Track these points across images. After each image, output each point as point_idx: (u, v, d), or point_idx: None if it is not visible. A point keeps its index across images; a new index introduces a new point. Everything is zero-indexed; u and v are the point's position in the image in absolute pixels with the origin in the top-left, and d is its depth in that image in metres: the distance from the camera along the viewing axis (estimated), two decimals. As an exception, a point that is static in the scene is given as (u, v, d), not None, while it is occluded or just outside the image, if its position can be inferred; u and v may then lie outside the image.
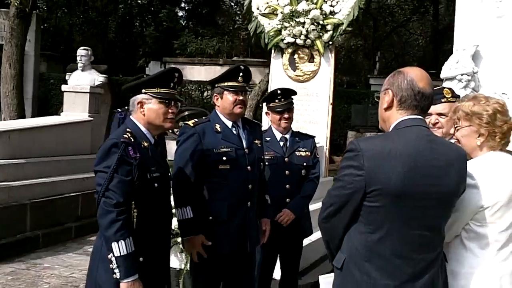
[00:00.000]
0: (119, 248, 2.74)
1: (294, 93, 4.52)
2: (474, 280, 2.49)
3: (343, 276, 2.36)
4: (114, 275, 2.75)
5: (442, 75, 6.41)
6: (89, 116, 8.81)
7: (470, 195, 2.46)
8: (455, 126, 2.69)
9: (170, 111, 3.07)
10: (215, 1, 23.83)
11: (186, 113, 13.11)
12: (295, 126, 6.45)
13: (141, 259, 2.86)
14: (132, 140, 2.90)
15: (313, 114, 6.76)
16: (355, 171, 2.26)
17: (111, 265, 2.76)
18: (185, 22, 25.53)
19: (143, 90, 3.07)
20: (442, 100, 3.28)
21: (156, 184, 2.95)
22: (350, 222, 2.34)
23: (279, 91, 4.39)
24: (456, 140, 2.68)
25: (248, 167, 3.65)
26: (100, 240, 2.89)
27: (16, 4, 11.01)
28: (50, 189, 7.18)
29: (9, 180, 6.67)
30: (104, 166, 2.83)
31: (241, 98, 3.66)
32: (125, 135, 2.89)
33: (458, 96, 3.49)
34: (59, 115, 9.26)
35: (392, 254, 2.26)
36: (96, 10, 23.58)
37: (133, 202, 2.86)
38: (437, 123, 3.20)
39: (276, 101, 4.34)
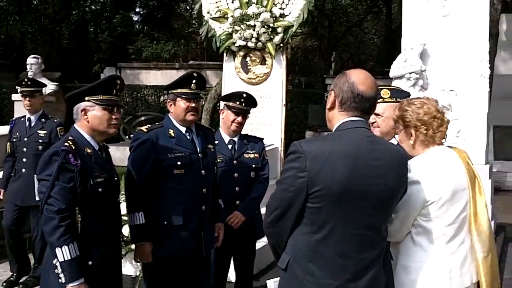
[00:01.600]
0: (62, 254, 2.78)
1: (256, 105, 4.51)
2: (424, 273, 2.55)
3: (287, 276, 2.37)
4: (59, 280, 2.79)
5: (391, 74, 6.56)
6: (41, 125, 8.62)
7: (416, 191, 2.51)
8: (396, 131, 2.77)
9: (113, 117, 3.07)
10: (170, 5, 23.71)
11: (143, 118, 12.97)
12: (249, 129, 6.49)
13: (90, 263, 2.89)
14: (73, 147, 2.90)
15: (267, 116, 6.81)
16: (298, 173, 2.27)
17: (56, 270, 2.79)
18: (140, 26, 25.33)
19: (86, 98, 3.06)
20: (379, 101, 3.34)
21: (100, 189, 2.97)
22: (295, 224, 2.35)
23: (245, 95, 4.37)
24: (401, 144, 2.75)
25: (202, 171, 3.66)
26: (47, 251, 2.90)
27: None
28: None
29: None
30: (46, 174, 2.86)
31: (193, 105, 3.66)
32: (66, 143, 2.91)
33: (400, 97, 3.54)
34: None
35: (334, 253, 2.29)
36: (48, 17, 23.18)
37: (76, 208, 2.88)
38: (374, 122, 3.26)
39: (238, 102, 4.31)
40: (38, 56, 8.93)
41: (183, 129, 3.67)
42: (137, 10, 26.13)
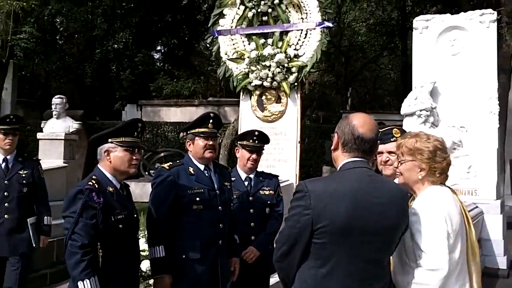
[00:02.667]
0: (84, 287, 2.94)
1: (268, 141, 4.70)
2: None
3: (295, 310, 2.53)
4: None
5: (402, 111, 6.72)
6: (64, 162, 8.91)
7: (438, 222, 2.58)
8: (399, 160, 2.89)
9: (134, 157, 3.28)
10: (190, 44, 24.26)
11: (162, 154, 13.24)
12: (265, 165, 6.68)
13: (108, 297, 3.03)
14: (96, 186, 3.10)
15: (283, 153, 6.99)
16: (303, 210, 2.45)
17: None
18: (161, 64, 25.89)
19: (109, 140, 3.28)
20: (392, 140, 3.51)
21: (120, 225, 3.15)
22: (302, 258, 2.51)
23: (256, 133, 4.56)
24: (399, 173, 2.88)
25: (220, 207, 3.84)
26: (70, 283, 3.07)
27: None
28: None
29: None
30: (71, 211, 3.05)
31: (211, 143, 3.87)
32: (89, 183, 3.12)
33: None
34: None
35: (339, 287, 2.44)
36: (73, 56, 23.88)
37: (98, 243, 3.06)
38: (388, 160, 3.40)
39: (251, 140, 4.50)
40: (63, 96, 9.24)
41: (201, 167, 3.87)
42: (158, 48, 26.78)
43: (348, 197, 2.43)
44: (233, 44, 7.17)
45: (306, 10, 6.87)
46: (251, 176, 4.54)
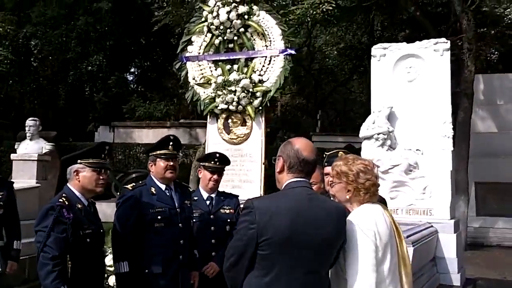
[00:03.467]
0: None
1: (229, 163, 5.00)
2: None
3: (242, 316, 2.81)
4: None
5: (360, 135, 7.08)
6: (37, 183, 9.08)
7: (363, 238, 2.89)
8: (330, 182, 3.22)
9: (101, 177, 3.58)
10: (163, 66, 24.56)
11: (134, 175, 13.42)
12: (230, 186, 6.96)
13: (77, 306, 3.29)
14: (67, 203, 3.39)
15: (248, 174, 7.28)
16: (249, 224, 2.74)
17: None
18: (134, 86, 26.12)
19: (79, 161, 3.56)
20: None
21: (88, 239, 3.45)
22: (248, 268, 2.80)
23: (217, 155, 4.86)
24: (332, 194, 3.20)
25: (180, 225, 4.14)
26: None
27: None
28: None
29: None
30: (43, 226, 3.36)
31: (171, 164, 4.17)
32: (60, 200, 3.41)
33: None
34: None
35: None
36: (46, 78, 23.96)
37: (68, 256, 3.34)
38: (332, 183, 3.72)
39: (212, 162, 4.80)
40: (36, 119, 9.44)
41: (163, 187, 4.16)
42: (132, 70, 27.01)
43: (289, 213, 2.74)
44: (201, 70, 7.49)
45: (270, 38, 7.22)
46: (213, 195, 4.82)
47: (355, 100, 28.40)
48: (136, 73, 26.78)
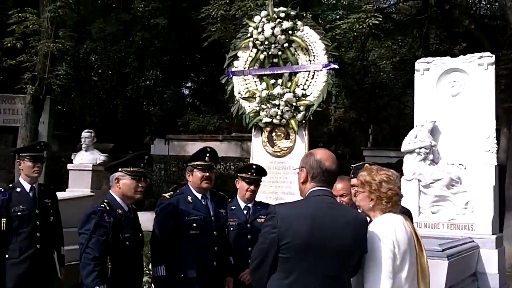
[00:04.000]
0: None
1: (265, 173, 5.21)
2: None
3: (266, 314, 2.98)
4: None
5: (402, 149, 7.12)
6: (91, 191, 9.57)
7: (383, 247, 3.04)
8: (355, 192, 3.36)
9: (140, 185, 3.84)
10: (217, 80, 25.01)
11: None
12: (274, 197, 7.13)
13: (115, 304, 3.55)
14: (108, 208, 3.66)
15: (291, 186, 7.40)
16: (271, 229, 2.94)
17: None
18: (189, 100, 26.75)
19: (119, 169, 3.84)
20: None
21: (127, 243, 3.72)
22: (271, 271, 2.97)
23: (254, 166, 5.10)
24: (358, 205, 3.34)
25: (215, 232, 4.37)
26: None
27: (31, 92, 12.14)
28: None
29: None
30: (85, 229, 3.67)
31: (207, 174, 4.42)
32: (102, 205, 3.69)
33: None
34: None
35: None
36: (106, 92, 24.90)
37: (108, 257, 3.58)
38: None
39: (249, 173, 5.02)
40: (91, 131, 9.97)
41: (199, 196, 4.40)
42: (188, 84, 27.70)
43: (307, 219, 2.91)
44: (246, 84, 7.72)
45: (313, 52, 7.38)
46: (250, 205, 5.03)
47: (409, 115, 28.05)
48: (192, 87, 27.44)
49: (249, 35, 7.68)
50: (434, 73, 7.43)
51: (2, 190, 5.04)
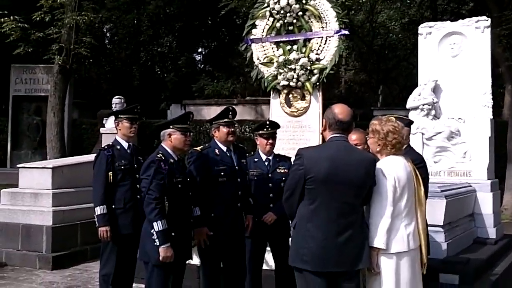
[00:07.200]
0: (157, 225, 4.38)
1: (278, 126, 5.94)
2: (389, 236, 3.87)
3: (295, 232, 3.86)
4: (155, 243, 4.35)
5: (407, 106, 7.90)
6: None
7: (387, 180, 3.84)
8: (367, 136, 4.18)
9: (187, 139, 4.67)
10: (229, 45, 25.70)
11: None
12: (292, 154, 7.93)
13: (172, 234, 4.43)
14: (163, 158, 4.49)
15: (307, 143, 8.12)
16: (299, 167, 3.77)
17: (153, 237, 4.36)
18: (202, 66, 27.46)
19: (171, 126, 4.66)
20: None
21: (179, 186, 4.57)
22: (300, 199, 3.81)
23: (267, 122, 5.84)
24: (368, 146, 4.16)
25: (238, 179, 5.21)
26: (146, 224, 4.51)
27: (59, 62, 12.92)
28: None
29: (63, 205, 8.31)
30: (146, 174, 4.49)
31: (232, 129, 5.22)
32: (158, 156, 4.51)
33: (403, 122, 4.88)
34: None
35: (323, 218, 3.73)
36: (121, 60, 25.65)
37: (165, 197, 4.44)
38: None
39: (264, 129, 5.76)
40: (121, 97, 10.81)
41: (224, 149, 5.20)
42: (200, 50, 28.34)
43: (328, 159, 3.73)
44: (264, 51, 8.42)
45: (325, 20, 8.03)
46: (270, 157, 5.77)
47: (416, 75, 28.58)
48: (204, 53, 28.10)
49: (265, 5, 8.33)
50: (436, 36, 8.15)
51: (106, 147, 5.52)
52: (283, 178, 5.36)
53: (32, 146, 17.62)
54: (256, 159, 5.71)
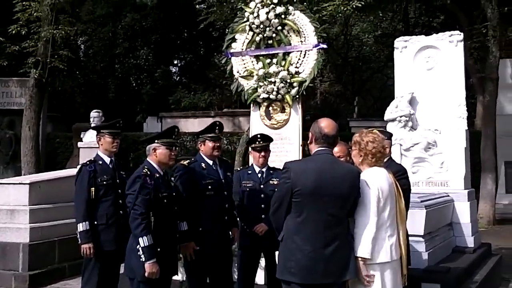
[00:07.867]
0: (143, 241, 4.36)
1: (271, 139, 6.02)
2: (374, 249, 3.93)
3: (282, 245, 3.91)
4: (141, 259, 4.34)
5: (385, 118, 8.04)
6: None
7: (370, 192, 3.92)
8: (349, 149, 4.27)
9: (172, 153, 4.69)
10: (206, 58, 25.79)
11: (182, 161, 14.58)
12: (273, 166, 8.00)
13: (158, 249, 4.43)
14: (148, 173, 4.50)
15: (288, 155, 8.21)
16: (286, 180, 3.83)
17: (139, 253, 4.35)
18: (178, 78, 27.46)
19: (155, 141, 4.68)
20: None
21: (165, 200, 4.58)
22: (287, 212, 3.87)
23: (259, 136, 5.91)
24: (351, 159, 4.24)
25: (225, 192, 5.26)
26: (131, 239, 4.49)
27: (35, 76, 12.82)
28: (73, 229, 8.50)
29: (40, 222, 8.17)
30: (132, 190, 4.49)
31: (217, 144, 5.28)
32: (143, 171, 4.52)
33: (385, 136, 5.02)
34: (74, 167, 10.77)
35: (310, 230, 3.79)
36: (96, 72, 25.49)
37: (151, 212, 4.45)
38: None
39: (257, 143, 5.83)
40: (99, 111, 10.75)
41: (210, 162, 5.27)
42: (176, 62, 28.34)
43: (314, 172, 3.80)
44: (244, 64, 8.49)
45: (304, 34, 8.15)
46: (263, 170, 5.85)
47: (391, 87, 29.02)
48: (180, 65, 28.12)
49: (245, 19, 8.43)
50: (411, 50, 8.33)
51: (88, 162, 5.51)
52: (275, 190, 5.48)
53: (5, 161, 17.31)
54: (249, 172, 5.80)
